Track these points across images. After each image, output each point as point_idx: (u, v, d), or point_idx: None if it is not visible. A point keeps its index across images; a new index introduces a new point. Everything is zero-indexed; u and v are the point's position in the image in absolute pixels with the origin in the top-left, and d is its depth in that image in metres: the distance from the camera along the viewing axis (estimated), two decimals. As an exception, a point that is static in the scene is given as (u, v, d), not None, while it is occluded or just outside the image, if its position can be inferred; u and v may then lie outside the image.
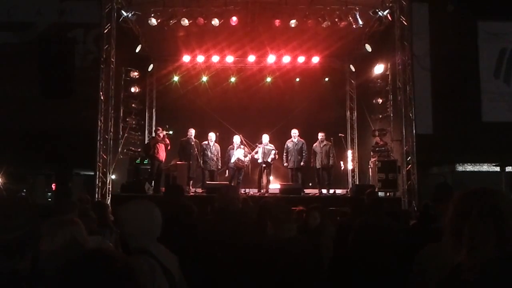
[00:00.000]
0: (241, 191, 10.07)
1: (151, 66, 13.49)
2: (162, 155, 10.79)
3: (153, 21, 10.37)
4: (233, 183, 10.49)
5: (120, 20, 10.43)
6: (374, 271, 2.52)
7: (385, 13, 10.26)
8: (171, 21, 10.43)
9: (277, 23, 10.58)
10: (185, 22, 10.41)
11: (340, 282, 2.87)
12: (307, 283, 2.89)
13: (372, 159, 11.47)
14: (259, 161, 10.96)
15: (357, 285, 2.62)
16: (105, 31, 10.12)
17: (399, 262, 2.55)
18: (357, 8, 10.21)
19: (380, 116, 12.06)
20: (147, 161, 11.46)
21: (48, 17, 13.01)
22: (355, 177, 13.51)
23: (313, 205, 5.44)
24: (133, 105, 12.41)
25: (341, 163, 12.09)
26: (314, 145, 11.27)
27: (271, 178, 11.39)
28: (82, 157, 11.30)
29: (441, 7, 12.90)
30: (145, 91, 13.60)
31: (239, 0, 10.26)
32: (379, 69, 11.73)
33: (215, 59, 13.02)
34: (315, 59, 13.09)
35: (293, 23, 10.50)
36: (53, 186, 14.70)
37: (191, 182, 11.16)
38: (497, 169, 14.08)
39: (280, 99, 13.26)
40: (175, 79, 13.41)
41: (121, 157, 11.68)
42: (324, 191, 11.07)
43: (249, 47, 12.44)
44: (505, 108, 13.67)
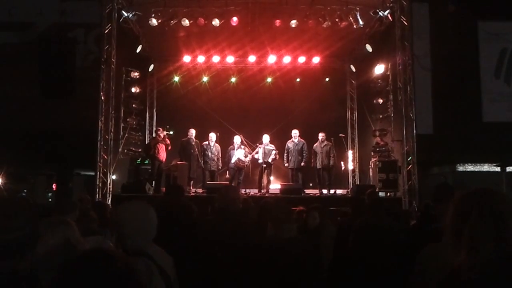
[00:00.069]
0: (242, 191, 10.07)
1: (152, 66, 13.51)
2: (162, 155, 10.80)
3: (154, 22, 10.39)
4: (233, 183, 10.50)
5: (120, 20, 10.45)
6: (374, 271, 2.52)
7: (386, 13, 10.25)
8: (172, 22, 10.44)
9: (278, 23, 10.59)
10: (186, 22, 10.42)
11: (340, 282, 2.87)
12: (307, 283, 2.89)
13: (372, 159, 11.47)
14: (260, 161, 10.96)
15: (357, 285, 2.62)
16: (106, 31, 10.14)
17: (399, 262, 2.54)
18: (358, 8, 10.21)
19: (380, 116, 12.05)
20: (147, 161, 11.46)
21: (48, 17, 13.00)
22: (356, 177, 13.51)
23: (313, 205, 5.43)
24: (133, 105, 12.42)
25: (342, 163, 12.10)
26: (314, 145, 11.26)
27: (272, 178, 11.40)
28: (82, 157, 11.32)
29: (442, 7, 12.89)
30: (146, 91, 13.62)
31: (239, 0, 10.26)
32: (379, 69, 11.73)
33: (216, 59, 13.02)
34: (316, 59, 13.09)
35: (294, 23, 10.51)
36: (54, 186, 14.70)
37: (192, 182, 11.15)
38: (498, 169, 14.07)
39: (280, 99, 13.26)
40: (176, 79, 13.43)
41: (122, 157, 11.69)
42: (324, 191, 11.06)
43: (250, 47, 12.44)
44: (505, 108, 13.64)
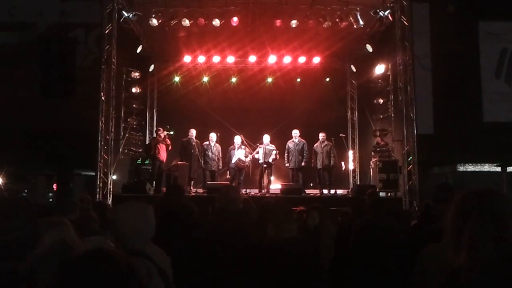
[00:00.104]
0: (242, 191, 10.07)
1: (152, 66, 13.51)
2: (163, 155, 10.80)
3: (154, 22, 10.39)
4: (234, 184, 10.49)
5: (121, 20, 10.46)
6: (374, 271, 2.52)
7: (386, 13, 10.25)
8: (172, 22, 10.45)
9: (278, 23, 10.59)
10: (186, 22, 10.42)
11: (340, 282, 2.87)
12: (307, 283, 2.89)
13: (373, 159, 11.46)
14: (260, 161, 10.95)
15: (357, 285, 2.62)
16: (106, 32, 10.14)
17: (399, 262, 2.54)
18: (358, 8, 10.22)
19: (381, 116, 12.05)
20: (148, 161, 11.46)
21: (49, 17, 13.01)
22: (356, 177, 13.50)
23: (313, 205, 5.43)
24: (134, 106, 12.42)
25: (342, 163, 12.09)
26: (315, 145, 11.25)
27: (272, 178, 11.39)
28: (83, 158, 11.33)
29: (442, 7, 12.90)
30: (146, 91, 13.62)
31: (240, 0, 10.26)
32: (380, 69, 11.73)
33: (216, 59, 13.01)
34: (316, 60, 13.08)
35: (294, 23, 10.51)
36: (54, 186, 14.72)
37: (192, 182, 11.15)
38: (498, 169, 14.08)
39: (281, 99, 13.24)
40: (176, 79, 13.42)
41: (122, 157, 11.70)
42: (325, 191, 11.05)
43: (250, 48, 12.43)
44: (506, 108, 13.64)
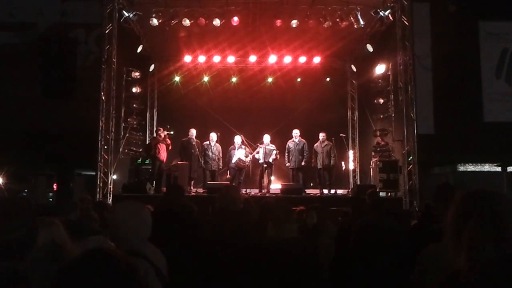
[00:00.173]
0: (242, 191, 10.07)
1: (152, 66, 13.50)
2: (163, 155, 10.80)
3: (155, 21, 10.39)
4: (234, 183, 10.48)
5: (121, 20, 10.45)
6: (375, 271, 2.52)
7: (387, 13, 10.24)
8: (173, 21, 10.44)
9: (278, 23, 10.58)
10: (187, 22, 10.42)
11: (341, 282, 2.87)
12: (307, 283, 2.89)
13: (373, 159, 11.46)
14: (260, 161, 10.95)
15: (357, 285, 2.62)
16: (107, 32, 10.14)
17: (400, 262, 2.54)
18: (359, 8, 10.21)
19: (381, 116, 12.04)
20: (148, 161, 11.46)
21: (49, 18, 13.02)
22: (356, 177, 13.49)
23: (311, 205, 5.43)
24: (134, 105, 12.41)
25: (342, 163, 12.09)
26: (315, 145, 11.25)
27: (272, 178, 11.39)
28: (83, 157, 11.33)
29: (442, 7, 12.90)
30: (146, 91, 13.61)
31: (240, 0, 10.26)
32: (380, 69, 11.72)
33: (216, 59, 13.01)
34: (316, 59, 13.07)
35: (294, 23, 10.51)
36: (55, 186, 14.72)
37: (192, 182, 11.15)
38: (499, 169, 14.07)
39: (281, 99, 13.23)
40: (176, 79, 13.42)
41: (122, 157, 11.69)
42: (325, 191, 11.05)
43: (250, 47, 12.43)
44: (506, 108, 13.64)
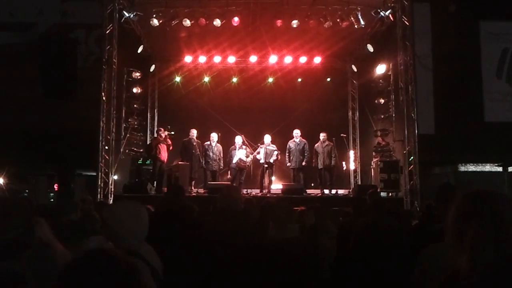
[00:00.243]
0: (243, 191, 10.06)
1: (153, 66, 13.51)
2: (164, 155, 10.80)
3: (155, 22, 10.39)
4: (235, 184, 10.49)
5: (122, 20, 10.45)
6: (375, 271, 2.52)
7: (387, 13, 10.24)
8: (173, 22, 10.44)
9: (279, 23, 10.58)
10: (187, 22, 10.42)
11: (342, 282, 2.86)
12: (307, 283, 2.88)
13: (374, 159, 11.46)
14: (261, 161, 10.95)
15: (358, 285, 2.62)
16: (107, 32, 10.14)
17: (400, 262, 2.54)
18: (359, 8, 10.20)
19: (382, 116, 12.04)
20: (149, 161, 11.46)
21: (49, 18, 13.03)
22: (357, 177, 13.48)
23: (310, 205, 5.43)
24: (135, 106, 12.43)
25: (343, 163, 12.09)
26: (316, 145, 11.25)
27: (273, 178, 11.39)
28: (84, 158, 11.34)
29: (443, 7, 12.87)
30: (147, 91, 13.61)
31: (240, 0, 10.26)
32: (381, 69, 11.72)
33: (217, 59, 13.01)
34: (317, 60, 13.07)
35: (295, 23, 10.50)
36: (55, 186, 14.72)
37: (193, 182, 11.16)
38: (500, 169, 14.04)
39: (282, 99, 13.23)
40: (177, 79, 13.42)
41: (123, 157, 11.70)
42: (326, 191, 11.05)
43: (251, 48, 12.43)
44: (507, 108, 13.63)
